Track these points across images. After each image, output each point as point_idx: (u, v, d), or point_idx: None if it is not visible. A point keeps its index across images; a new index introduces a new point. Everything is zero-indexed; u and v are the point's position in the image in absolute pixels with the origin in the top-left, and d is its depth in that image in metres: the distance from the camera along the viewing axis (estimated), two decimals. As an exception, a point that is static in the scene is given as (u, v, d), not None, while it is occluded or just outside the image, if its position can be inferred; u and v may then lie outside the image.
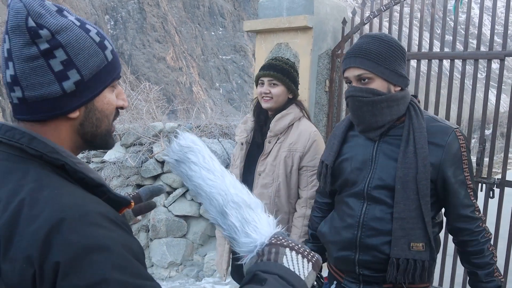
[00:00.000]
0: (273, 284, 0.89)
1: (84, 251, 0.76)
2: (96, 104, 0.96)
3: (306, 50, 3.98)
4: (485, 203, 3.37)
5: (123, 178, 5.03)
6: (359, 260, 1.78)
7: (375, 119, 1.75)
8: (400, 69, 1.74)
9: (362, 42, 1.75)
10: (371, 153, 1.81)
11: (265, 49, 4.23)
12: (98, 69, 0.93)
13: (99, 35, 0.95)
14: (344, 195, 1.87)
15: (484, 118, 3.44)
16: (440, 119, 1.82)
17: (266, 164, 2.45)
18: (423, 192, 1.68)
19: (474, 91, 3.38)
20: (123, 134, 5.16)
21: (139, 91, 5.49)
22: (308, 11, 3.92)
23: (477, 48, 3.43)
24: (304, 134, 2.44)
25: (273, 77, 2.44)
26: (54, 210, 0.79)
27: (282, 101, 2.48)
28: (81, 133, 0.97)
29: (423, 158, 1.68)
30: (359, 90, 1.73)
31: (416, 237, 1.69)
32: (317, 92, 4.11)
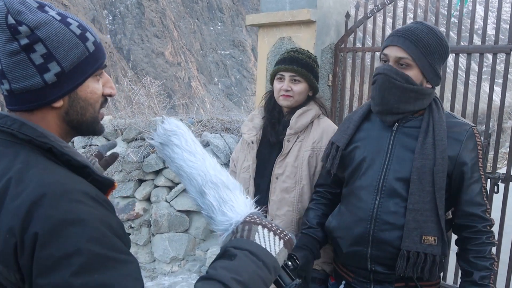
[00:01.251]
0: (242, 259, 0.94)
1: (62, 224, 0.82)
2: (79, 94, 1.02)
3: (309, 44, 3.95)
4: (490, 197, 3.36)
5: (125, 173, 5.01)
6: (372, 255, 1.74)
7: (397, 105, 1.73)
8: (438, 68, 1.72)
9: (415, 27, 1.69)
10: (387, 143, 1.78)
11: (267, 43, 4.20)
12: (79, 60, 0.99)
13: (81, 28, 1.01)
14: (354, 187, 1.82)
15: (489, 112, 3.42)
16: (458, 116, 1.82)
17: (286, 166, 2.17)
18: (439, 185, 1.66)
19: (479, 85, 3.35)
20: (124, 129, 5.13)
21: (140, 85, 5.46)
22: (311, 5, 3.89)
23: (482, 43, 3.40)
24: (328, 132, 2.20)
25: (296, 72, 2.18)
26: (37, 186, 0.86)
27: (303, 99, 2.25)
28: (67, 121, 1.04)
29: (442, 151, 1.66)
30: (394, 72, 1.69)
31: (429, 230, 1.67)
32: (320, 87, 4.06)
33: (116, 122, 5.30)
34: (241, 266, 0.94)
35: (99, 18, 77.68)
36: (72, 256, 0.81)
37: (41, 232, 0.81)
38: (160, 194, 4.92)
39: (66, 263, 0.81)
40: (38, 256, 0.81)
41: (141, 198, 4.99)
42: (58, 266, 0.81)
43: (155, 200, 4.93)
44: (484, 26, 3.33)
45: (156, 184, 4.99)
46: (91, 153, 1.48)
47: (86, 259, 0.81)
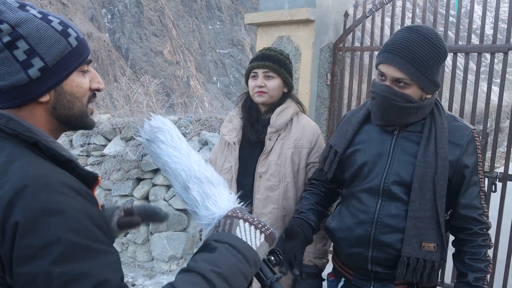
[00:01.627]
0: (222, 252, 0.97)
1: (42, 214, 0.84)
2: (65, 88, 1.04)
3: (308, 43, 3.95)
4: (487, 197, 3.37)
5: (123, 171, 5.01)
6: (372, 257, 1.75)
7: (399, 121, 1.73)
8: (437, 77, 1.69)
9: (411, 39, 1.61)
10: (388, 147, 1.77)
11: (266, 42, 4.21)
12: (62, 55, 1.02)
13: (62, 24, 1.03)
14: (356, 190, 1.82)
15: (486, 112, 3.43)
16: (459, 119, 1.81)
17: (269, 164, 2.18)
18: (440, 193, 1.67)
19: (477, 85, 3.37)
20: (123, 128, 5.13)
21: (138, 84, 5.46)
22: (310, 4, 3.89)
23: (480, 42, 3.41)
24: (308, 129, 2.24)
25: (269, 68, 2.18)
26: (20, 177, 0.88)
27: (277, 95, 2.25)
28: (55, 115, 1.06)
29: (443, 159, 1.66)
30: (393, 94, 1.66)
31: (429, 237, 1.68)
32: (318, 86, 4.09)
33: (114, 120, 5.30)
34: (221, 259, 0.96)
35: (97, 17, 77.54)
36: (52, 245, 0.82)
37: (22, 221, 0.83)
38: (159, 193, 4.93)
39: (45, 252, 0.82)
40: (18, 245, 0.83)
41: (140, 196, 4.99)
42: (38, 255, 0.82)
43: (154, 199, 4.93)
44: (482, 25, 3.35)
45: (154, 183, 4.99)
46: (124, 206, 1.42)
47: (66, 249, 0.83)
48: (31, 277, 0.82)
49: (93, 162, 5.38)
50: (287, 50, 4.06)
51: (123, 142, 5.11)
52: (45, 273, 0.82)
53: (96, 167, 5.30)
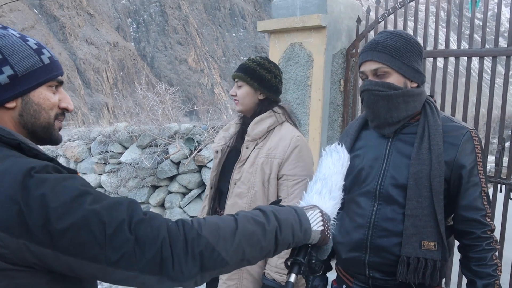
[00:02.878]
0: (287, 209, 1.20)
1: (58, 181, 0.95)
2: (32, 98, 1.12)
3: (320, 50, 3.93)
4: (505, 204, 3.27)
5: (139, 179, 5.06)
6: (369, 262, 1.72)
7: (390, 114, 1.71)
8: (416, 65, 1.71)
9: (379, 37, 1.72)
10: (384, 150, 1.76)
11: (279, 49, 4.20)
12: (32, 68, 1.10)
13: (38, 45, 1.14)
14: (355, 194, 1.81)
15: (503, 116, 3.34)
16: (456, 120, 1.77)
17: (242, 172, 2.21)
18: (436, 190, 1.63)
19: (492, 89, 3.28)
20: (139, 136, 5.19)
21: (155, 92, 5.52)
22: (322, 10, 3.87)
23: (495, 45, 3.33)
24: (285, 139, 2.21)
25: (236, 77, 2.28)
26: (22, 163, 0.96)
27: (249, 103, 2.27)
28: (22, 124, 1.13)
29: (438, 155, 1.63)
30: (375, 84, 1.69)
31: (428, 235, 1.64)
32: (331, 92, 4.06)
33: (131, 128, 5.37)
34: (283, 211, 1.18)
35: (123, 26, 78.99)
36: (79, 196, 0.94)
37: (46, 191, 0.92)
38: (174, 200, 4.95)
39: (78, 202, 0.94)
40: (51, 208, 0.91)
41: (155, 204, 5.03)
42: (73, 207, 0.93)
43: (169, 206, 4.96)
44: (510, 28, 3.26)
45: (170, 190, 5.03)
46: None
47: (90, 195, 0.96)
48: (79, 223, 0.92)
49: (110, 169, 5.46)
50: (299, 57, 4.04)
51: (139, 150, 5.17)
52: (90, 211, 0.93)
53: (112, 174, 5.37)
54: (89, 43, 71.90)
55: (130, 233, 0.95)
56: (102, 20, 75.44)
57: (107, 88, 70.14)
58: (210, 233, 1.03)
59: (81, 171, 5.80)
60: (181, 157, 4.89)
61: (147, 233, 0.96)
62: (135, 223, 0.96)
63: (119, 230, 0.94)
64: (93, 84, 68.86)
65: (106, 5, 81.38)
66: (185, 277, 0.99)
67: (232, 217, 1.11)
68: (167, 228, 0.99)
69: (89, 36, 72.30)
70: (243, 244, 1.06)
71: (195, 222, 1.04)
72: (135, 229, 0.95)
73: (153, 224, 0.98)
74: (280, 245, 1.14)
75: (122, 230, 0.94)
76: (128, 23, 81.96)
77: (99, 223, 0.93)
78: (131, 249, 0.94)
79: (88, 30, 73.19)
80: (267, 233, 1.11)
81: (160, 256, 0.96)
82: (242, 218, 1.10)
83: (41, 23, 70.25)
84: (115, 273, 0.95)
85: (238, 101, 2.28)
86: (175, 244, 0.98)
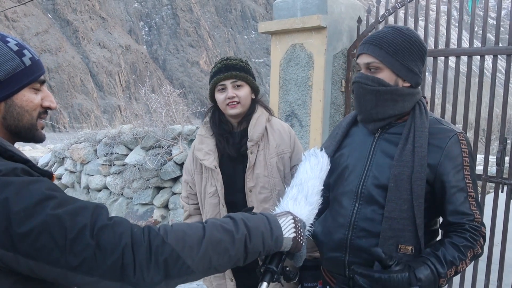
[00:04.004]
0: (258, 217, 1.21)
1: (24, 185, 0.95)
2: (15, 101, 1.12)
3: (321, 50, 3.92)
4: (507, 204, 3.23)
5: (143, 180, 5.10)
6: (349, 262, 1.70)
7: (375, 110, 1.69)
8: (412, 65, 1.67)
9: (380, 31, 1.70)
10: (368, 149, 1.74)
11: (280, 50, 4.21)
12: (14, 71, 1.10)
13: (18, 46, 1.13)
14: (337, 194, 1.79)
15: (504, 116, 3.30)
16: (445, 122, 1.73)
17: (257, 178, 2.13)
18: (417, 193, 1.59)
19: (493, 88, 3.25)
20: (142, 137, 5.23)
21: (159, 94, 5.56)
22: (322, 11, 3.86)
23: (495, 43, 3.30)
24: (284, 132, 2.20)
25: (236, 77, 2.13)
26: None
27: (249, 103, 2.19)
28: (5, 126, 1.13)
29: (421, 158, 1.59)
30: (365, 78, 1.68)
31: (405, 239, 1.60)
32: (332, 93, 4.05)
33: (135, 130, 5.41)
34: (253, 219, 1.18)
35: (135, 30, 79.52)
36: (43, 200, 0.95)
37: (9, 195, 0.92)
38: (178, 201, 4.98)
39: (41, 206, 0.94)
40: (13, 212, 0.91)
41: (159, 205, 5.06)
42: (36, 211, 0.93)
43: (173, 207, 4.99)
44: (511, 26, 3.22)
45: (173, 192, 5.06)
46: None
47: (55, 199, 0.96)
48: (40, 227, 0.92)
49: (115, 171, 5.51)
50: (300, 58, 4.04)
51: (143, 152, 5.21)
52: (52, 216, 0.93)
53: (117, 176, 5.41)
54: (101, 47, 72.58)
55: (91, 238, 0.95)
56: (115, 23, 76.06)
57: (119, 91, 70.70)
58: (176, 241, 1.02)
59: (87, 173, 5.85)
60: (184, 158, 4.91)
61: (109, 239, 0.96)
62: (98, 228, 0.96)
63: (80, 235, 0.94)
64: (106, 87, 69.45)
65: (119, 9, 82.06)
66: (147, 284, 0.98)
67: (201, 224, 1.11)
68: (131, 234, 0.99)
69: (101, 40, 72.98)
70: (210, 252, 1.06)
71: (162, 229, 1.04)
72: (97, 234, 0.96)
73: (116, 230, 0.98)
74: (250, 253, 1.14)
75: (83, 235, 0.94)
76: (140, 26, 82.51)
77: (60, 228, 0.93)
78: (91, 254, 0.94)
79: (101, 34, 73.89)
80: (236, 241, 1.11)
81: (121, 262, 0.96)
82: (210, 226, 1.10)
83: (55, 27, 71.08)
84: (76, 277, 0.96)
85: (239, 102, 2.14)
86: (138, 251, 0.98)
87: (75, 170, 6.08)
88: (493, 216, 3.32)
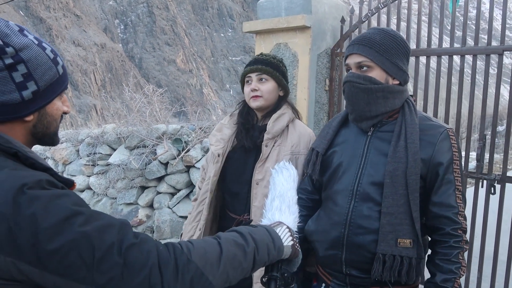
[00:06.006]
0: (260, 229, 1.26)
1: (51, 199, 0.94)
2: (47, 110, 1.14)
3: (305, 50, 3.98)
4: (486, 199, 3.35)
5: (128, 180, 5.08)
6: (346, 259, 1.75)
7: (368, 108, 1.75)
8: (401, 63, 1.75)
9: (367, 32, 1.77)
10: (362, 148, 1.79)
11: (264, 49, 4.24)
12: (51, 81, 1.11)
13: (53, 52, 1.14)
14: (331, 192, 1.84)
15: (483, 113, 3.41)
16: (433, 119, 1.81)
17: (266, 171, 2.13)
18: (412, 187, 1.66)
19: (473, 87, 3.36)
20: (127, 137, 5.20)
21: (142, 93, 5.54)
22: (306, 11, 3.92)
23: (475, 44, 3.40)
24: (305, 135, 2.22)
25: (261, 71, 2.18)
26: (15, 178, 0.95)
27: (273, 98, 2.23)
28: (33, 133, 1.15)
29: (414, 153, 1.67)
30: (356, 77, 1.73)
31: (404, 233, 1.66)
32: (317, 91, 4.11)
33: (119, 130, 5.38)
34: (257, 231, 1.24)
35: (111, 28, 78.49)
36: (71, 217, 0.94)
37: (37, 211, 0.91)
38: (163, 201, 4.98)
39: (69, 222, 0.93)
40: (42, 228, 0.91)
41: (144, 204, 5.05)
42: (64, 227, 0.92)
43: (158, 206, 4.99)
44: (476, 27, 3.33)
45: (158, 191, 5.05)
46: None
47: (82, 215, 0.96)
48: (68, 245, 0.92)
49: (99, 171, 5.47)
50: (285, 57, 4.09)
51: (127, 151, 5.18)
52: (80, 233, 0.93)
53: (101, 176, 5.37)
54: (76, 45, 71.41)
55: (119, 257, 0.95)
56: (89, 21, 74.88)
57: (95, 90, 69.72)
58: (199, 259, 1.04)
59: (70, 173, 5.79)
60: (169, 158, 4.91)
61: (137, 258, 0.97)
62: (126, 247, 0.97)
63: (108, 254, 0.94)
64: (81, 86, 68.40)
65: (93, 6, 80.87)
66: None
67: (215, 240, 1.14)
68: (158, 252, 1.00)
69: (76, 38, 71.79)
70: (227, 267, 1.09)
71: (185, 247, 1.05)
72: (125, 253, 0.96)
73: (143, 249, 0.99)
74: (257, 265, 1.20)
75: (111, 254, 0.95)
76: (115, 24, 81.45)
77: (89, 246, 0.93)
78: (119, 273, 0.95)
79: (75, 32, 72.68)
80: (247, 254, 1.15)
81: (148, 281, 0.96)
82: (225, 241, 1.13)
83: (27, 24, 69.58)
84: None
85: (261, 96, 2.19)
86: (165, 269, 0.99)
87: (57, 171, 6.00)
88: (473, 210, 3.44)
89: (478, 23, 3.33)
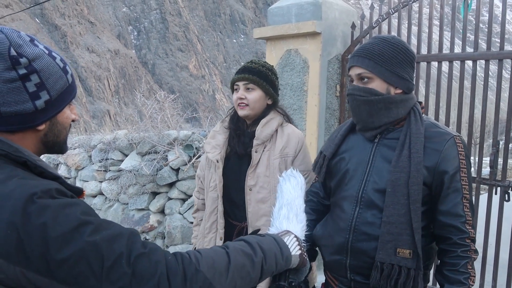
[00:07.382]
0: (268, 239, 1.26)
1: (60, 208, 0.95)
2: (58, 119, 1.15)
3: (316, 56, 3.97)
4: (500, 206, 3.30)
5: (139, 186, 5.10)
6: (350, 265, 1.75)
7: (371, 119, 1.75)
8: (402, 72, 1.72)
9: (367, 42, 1.76)
10: (368, 155, 1.79)
11: (275, 56, 4.25)
12: (62, 90, 1.12)
13: (62, 62, 1.15)
14: (338, 198, 1.84)
15: (496, 119, 3.37)
16: (441, 126, 1.78)
17: (258, 177, 2.18)
18: (413, 198, 1.64)
19: (485, 91, 3.32)
20: (138, 143, 5.23)
21: (154, 99, 5.57)
22: (317, 17, 3.92)
23: (487, 48, 3.37)
24: (293, 137, 2.25)
25: (248, 80, 2.19)
26: (25, 188, 0.96)
27: (259, 107, 2.24)
28: (43, 141, 1.15)
29: (417, 163, 1.64)
30: (357, 89, 1.74)
31: (403, 243, 1.64)
32: (327, 97, 4.10)
33: (131, 136, 5.41)
34: (265, 241, 1.24)
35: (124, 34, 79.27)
36: (80, 226, 0.95)
37: (48, 220, 0.92)
38: (174, 207, 4.99)
39: (78, 232, 0.94)
40: (51, 238, 0.91)
41: (155, 210, 5.07)
42: (74, 237, 0.93)
43: (169, 212, 5.00)
44: (489, 31, 3.29)
45: (169, 197, 5.06)
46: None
47: (92, 224, 0.96)
48: (77, 254, 0.92)
49: (110, 177, 5.50)
50: (295, 63, 4.09)
51: (139, 157, 5.21)
52: (89, 243, 0.94)
53: (113, 181, 5.41)
54: (90, 51, 72.23)
55: (128, 267, 0.96)
56: (103, 28, 75.76)
57: (108, 96, 70.39)
58: (208, 268, 1.04)
59: (82, 179, 5.84)
60: (180, 164, 4.93)
61: (145, 268, 0.97)
62: (135, 257, 0.97)
63: (117, 264, 0.95)
64: (95, 92, 69.10)
65: (107, 13, 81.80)
66: None
67: (223, 250, 1.14)
68: (166, 262, 1.00)
69: (90, 44, 72.64)
70: (235, 277, 1.10)
71: (193, 257, 1.05)
72: (134, 263, 0.97)
73: (152, 258, 0.99)
74: (264, 274, 1.20)
75: (120, 263, 0.95)
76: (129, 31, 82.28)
77: (98, 256, 0.94)
78: (127, 283, 0.95)
79: (89, 38, 73.54)
80: (255, 264, 1.16)
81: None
82: (233, 251, 1.14)
83: (43, 32, 70.62)
84: None
85: (247, 105, 2.20)
86: (173, 279, 0.99)
87: (70, 176, 6.06)
88: (487, 217, 3.39)
89: (490, 27, 3.30)
